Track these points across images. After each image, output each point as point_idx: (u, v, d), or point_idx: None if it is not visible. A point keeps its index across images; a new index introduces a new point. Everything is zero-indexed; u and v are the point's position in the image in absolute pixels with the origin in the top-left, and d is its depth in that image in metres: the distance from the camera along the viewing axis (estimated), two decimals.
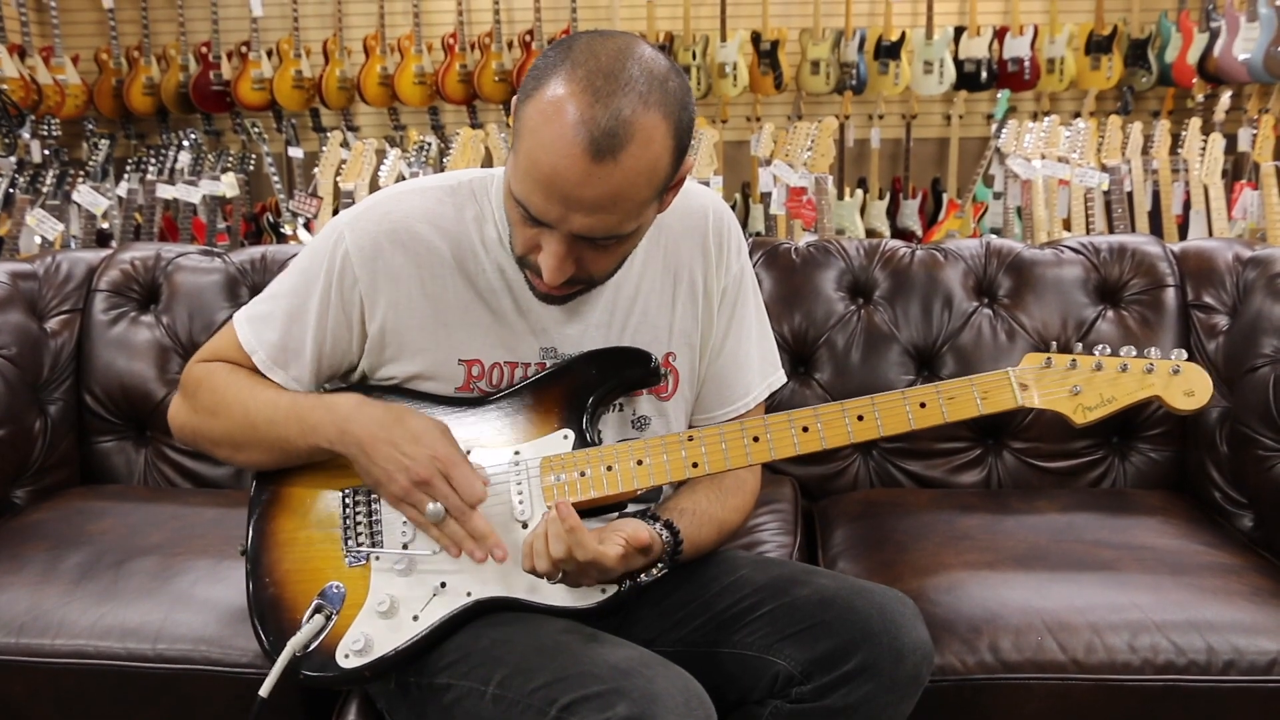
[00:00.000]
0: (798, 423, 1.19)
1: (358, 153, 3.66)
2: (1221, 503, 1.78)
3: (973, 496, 1.83)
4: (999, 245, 2.00)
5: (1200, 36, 4.53)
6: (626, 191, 1.06)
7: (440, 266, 1.23)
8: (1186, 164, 3.84)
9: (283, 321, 1.26)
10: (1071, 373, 1.18)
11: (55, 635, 1.40)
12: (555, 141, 1.03)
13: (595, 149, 1.03)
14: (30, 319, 1.95)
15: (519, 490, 1.20)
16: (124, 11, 4.96)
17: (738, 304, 1.34)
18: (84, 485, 1.93)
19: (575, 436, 1.21)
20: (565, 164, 1.03)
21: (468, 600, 1.17)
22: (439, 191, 1.25)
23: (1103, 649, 1.36)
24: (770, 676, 1.18)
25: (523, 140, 1.07)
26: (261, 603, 1.21)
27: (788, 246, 2.02)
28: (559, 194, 1.05)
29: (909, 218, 4.84)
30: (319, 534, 1.22)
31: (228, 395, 1.26)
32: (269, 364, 1.26)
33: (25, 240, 3.61)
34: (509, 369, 1.25)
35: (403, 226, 1.22)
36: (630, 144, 1.03)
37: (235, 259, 2.03)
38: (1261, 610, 1.42)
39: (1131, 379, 1.17)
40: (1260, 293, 1.80)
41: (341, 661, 1.16)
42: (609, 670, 1.06)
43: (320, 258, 1.24)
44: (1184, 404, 1.16)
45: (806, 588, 1.21)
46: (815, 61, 4.79)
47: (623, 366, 1.25)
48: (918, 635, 1.16)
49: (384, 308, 1.22)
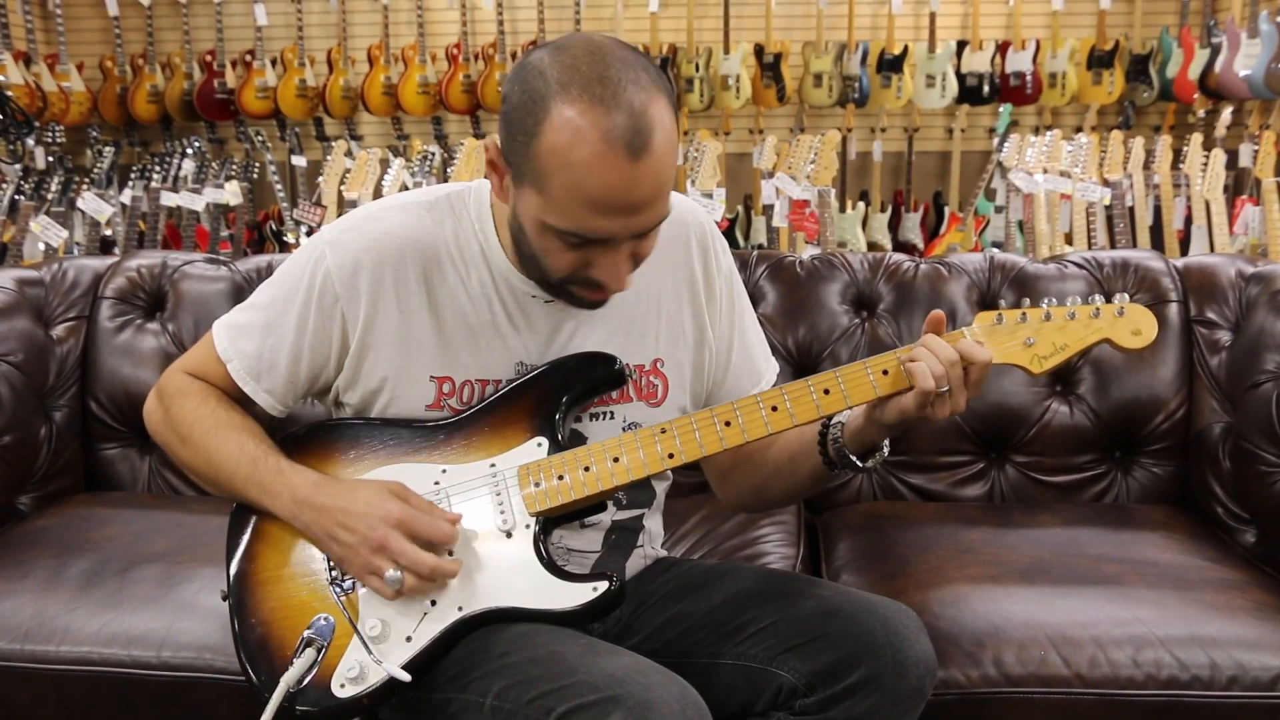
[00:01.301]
0: (766, 403, 1.19)
1: (362, 162, 3.67)
2: (1224, 518, 1.78)
3: (976, 510, 1.84)
4: (1002, 260, 2.01)
5: (1201, 52, 4.55)
6: (664, 173, 1.08)
7: (417, 283, 1.23)
8: (1188, 179, 3.85)
9: (260, 333, 1.26)
10: (1022, 326, 1.19)
11: (60, 642, 1.41)
12: (593, 162, 1.04)
13: (631, 151, 1.04)
14: (36, 326, 1.95)
15: (499, 501, 1.20)
16: (129, 19, 4.97)
17: (735, 298, 1.37)
18: (88, 492, 1.94)
19: (549, 443, 1.22)
20: (613, 177, 1.05)
21: (459, 615, 1.17)
22: (417, 208, 1.26)
23: (1106, 663, 1.36)
24: (774, 688, 1.18)
25: (552, 177, 1.06)
26: (250, 643, 1.19)
27: (792, 259, 2.03)
28: (615, 208, 1.07)
29: (911, 231, 4.86)
30: (301, 569, 1.21)
31: (194, 431, 1.26)
32: (242, 374, 1.27)
33: (29, 247, 3.61)
34: (479, 386, 1.25)
35: (382, 244, 1.22)
36: (654, 131, 1.05)
37: (241, 267, 2.04)
38: (1265, 626, 1.42)
39: (1080, 325, 1.19)
40: (1263, 309, 1.81)
41: (337, 692, 1.15)
42: (604, 678, 1.06)
43: (301, 273, 1.24)
44: (1131, 343, 1.18)
45: (810, 600, 1.21)
46: (818, 74, 4.80)
47: (586, 369, 1.25)
48: (921, 649, 1.17)
49: (363, 324, 1.23)
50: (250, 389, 1.27)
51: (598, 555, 1.30)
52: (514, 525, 1.19)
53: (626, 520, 1.33)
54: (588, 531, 1.29)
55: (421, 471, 1.22)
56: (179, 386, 1.29)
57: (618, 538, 1.31)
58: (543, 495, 1.19)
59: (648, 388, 1.30)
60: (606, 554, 1.30)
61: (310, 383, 1.27)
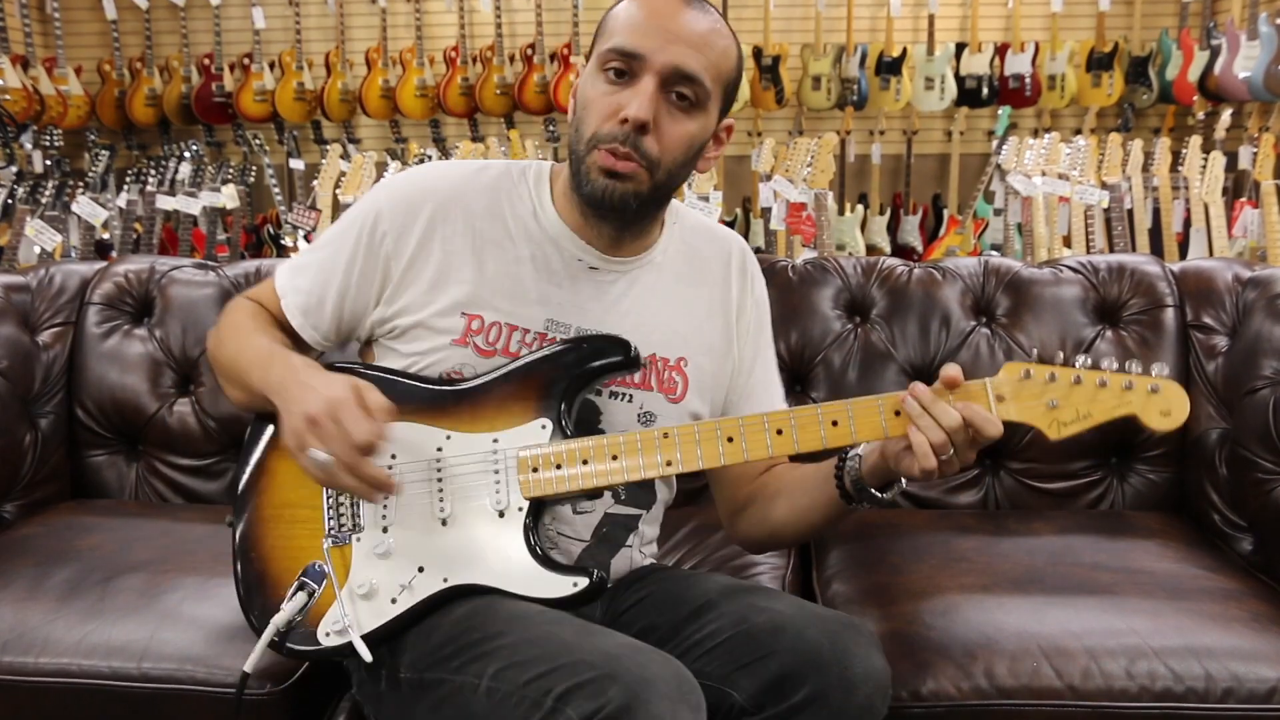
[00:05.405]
0: (772, 425, 1.18)
1: (357, 165, 3.66)
2: (1221, 525, 1.76)
3: (969, 518, 1.82)
4: (997, 264, 1.99)
5: (1201, 54, 4.53)
6: (712, 41, 1.20)
7: (464, 227, 1.29)
8: (1187, 182, 3.83)
9: (314, 272, 1.33)
10: (1050, 386, 1.15)
11: (39, 654, 1.39)
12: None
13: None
14: (22, 331, 1.94)
15: (496, 480, 1.21)
16: (127, 23, 4.97)
17: (763, 327, 1.42)
18: (74, 500, 1.92)
19: (553, 425, 1.22)
20: (663, 2, 1.19)
21: (443, 586, 1.19)
22: (473, 167, 1.35)
23: (1100, 675, 1.34)
24: (726, 707, 1.16)
25: (612, 20, 1.22)
26: (248, 578, 1.26)
27: (785, 264, 2.01)
28: (658, 28, 1.18)
29: (909, 234, 4.84)
30: (301, 512, 1.26)
31: (234, 334, 1.33)
32: (294, 309, 1.33)
33: (24, 251, 3.60)
34: (508, 330, 1.27)
35: (435, 188, 1.30)
36: (712, 11, 1.21)
37: (229, 272, 2.02)
38: (1261, 636, 1.40)
39: (1110, 395, 1.14)
40: (1260, 314, 1.79)
41: (322, 639, 1.21)
42: (601, 657, 1.05)
43: (356, 215, 1.32)
44: (1160, 424, 1.13)
45: (763, 615, 1.18)
46: (816, 77, 4.79)
47: (600, 352, 1.25)
48: (870, 664, 1.13)
49: (407, 260, 1.28)
50: (298, 323, 1.33)
51: (585, 545, 1.29)
52: (507, 507, 1.21)
53: (621, 516, 1.32)
54: (579, 518, 1.29)
55: (426, 434, 1.23)
56: (237, 304, 1.38)
57: (609, 531, 1.31)
58: (539, 483, 1.21)
59: (669, 382, 1.33)
60: (594, 544, 1.30)
61: (354, 321, 1.33)
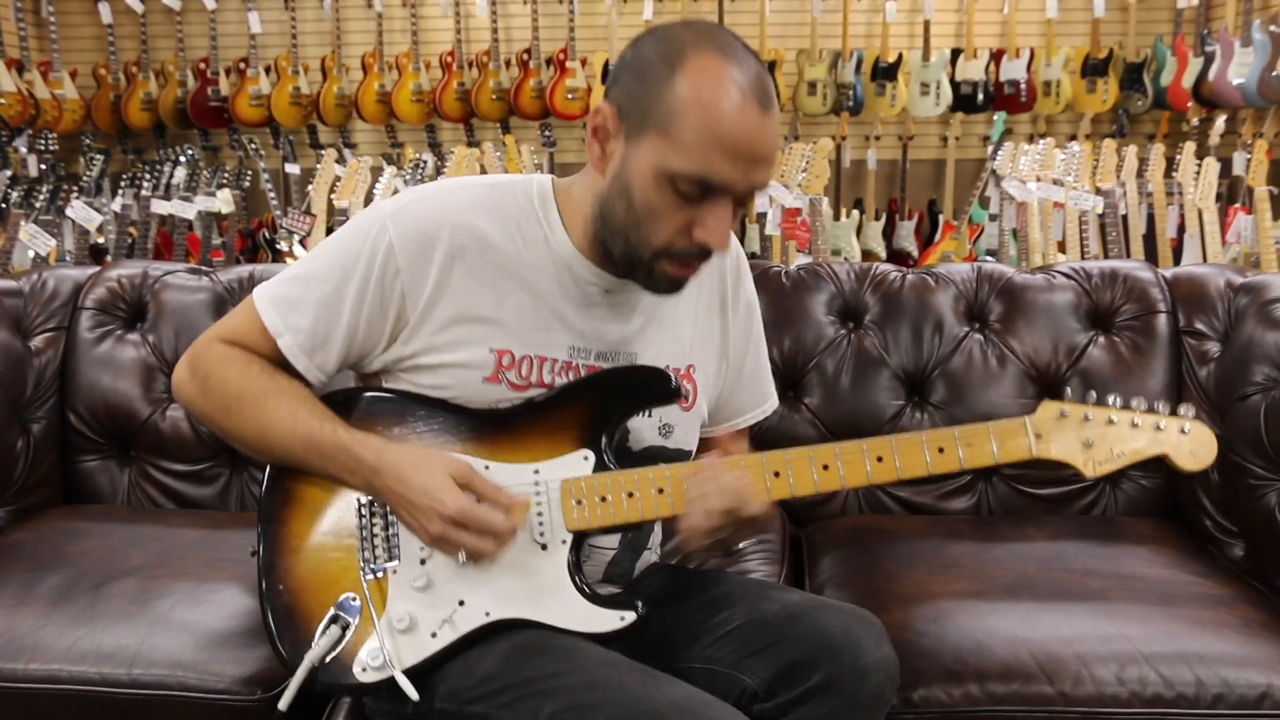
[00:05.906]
0: (819, 460, 1.19)
1: (352, 170, 3.66)
2: (1212, 531, 1.76)
3: (962, 523, 1.82)
4: (990, 270, 1.99)
5: (1195, 61, 4.54)
6: (778, 138, 1.14)
7: (480, 259, 1.21)
8: (1181, 187, 3.83)
9: (314, 308, 1.22)
10: (1085, 425, 1.20)
11: (29, 659, 1.38)
12: (730, 105, 1.08)
13: (763, 101, 1.10)
14: (14, 336, 1.93)
15: (539, 511, 1.19)
16: (123, 27, 4.97)
17: (753, 322, 1.42)
18: (66, 505, 1.91)
19: (595, 458, 1.21)
20: (746, 122, 1.09)
21: (486, 620, 1.17)
22: (481, 188, 1.26)
23: (1091, 681, 1.34)
24: (738, 692, 1.18)
25: (687, 117, 1.09)
26: (277, 610, 1.19)
27: (778, 270, 2.01)
28: (744, 154, 1.10)
29: (905, 239, 4.85)
30: (333, 542, 1.21)
31: (241, 402, 1.22)
32: (295, 350, 1.22)
33: (19, 255, 3.60)
34: (539, 363, 1.23)
35: (448, 219, 1.21)
36: (774, 94, 1.13)
37: (223, 278, 2.02)
38: (1252, 642, 1.40)
39: (1142, 435, 1.20)
40: (1252, 320, 1.79)
41: (359, 675, 1.16)
42: (673, 709, 1.05)
43: (360, 247, 1.21)
44: (1187, 464, 1.20)
45: (775, 603, 1.21)
46: (812, 82, 4.80)
47: (643, 386, 1.25)
48: (881, 654, 1.16)
49: (426, 298, 1.20)
50: (303, 365, 1.23)
51: (613, 553, 1.30)
52: (550, 539, 1.19)
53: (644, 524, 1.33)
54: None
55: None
56: (218, 355, 1.24)
57: (634, 537, 1.31)
58: (583, 515, 1.19)
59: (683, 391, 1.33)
60: (620, 553, 1.30)
61: (359, 358, 1.25)
